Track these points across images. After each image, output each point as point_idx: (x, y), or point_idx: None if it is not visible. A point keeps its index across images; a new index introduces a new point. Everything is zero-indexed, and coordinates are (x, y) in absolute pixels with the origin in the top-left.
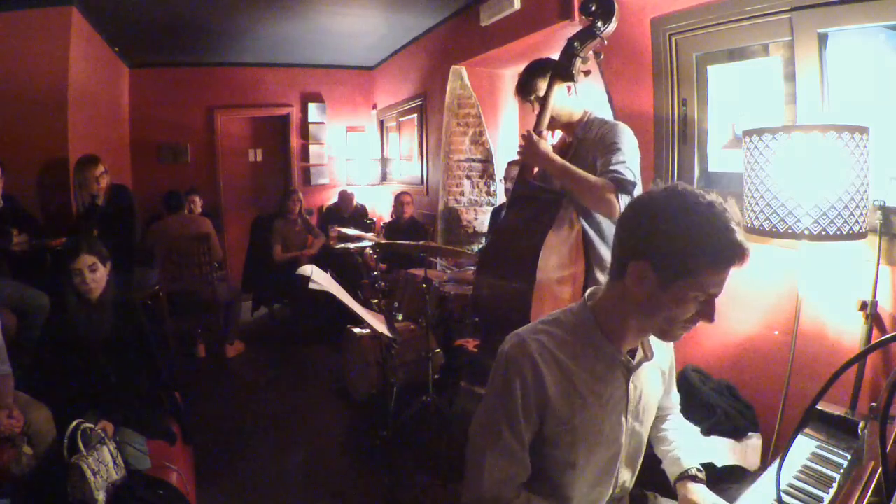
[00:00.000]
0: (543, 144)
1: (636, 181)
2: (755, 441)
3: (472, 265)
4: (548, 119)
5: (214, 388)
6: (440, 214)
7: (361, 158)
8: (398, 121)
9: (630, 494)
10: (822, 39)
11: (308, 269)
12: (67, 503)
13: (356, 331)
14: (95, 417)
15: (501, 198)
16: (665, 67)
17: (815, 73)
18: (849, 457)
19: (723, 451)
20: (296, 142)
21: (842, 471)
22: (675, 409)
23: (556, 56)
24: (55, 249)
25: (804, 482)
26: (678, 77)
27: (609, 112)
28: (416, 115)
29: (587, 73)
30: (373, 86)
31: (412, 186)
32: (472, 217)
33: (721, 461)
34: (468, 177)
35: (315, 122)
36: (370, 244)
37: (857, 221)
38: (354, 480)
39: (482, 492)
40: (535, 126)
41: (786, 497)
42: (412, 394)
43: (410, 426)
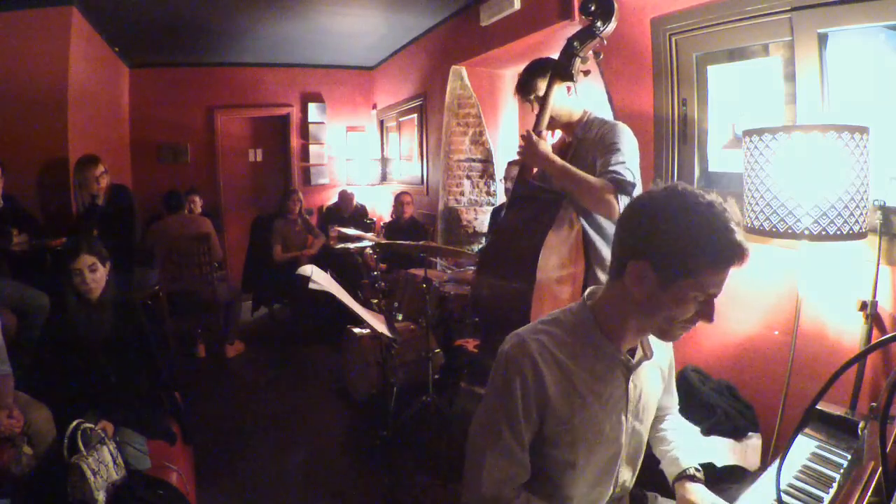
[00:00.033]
0: (543, 145)
1: (636, 182)
2: (755, 441)
3: (472, 265)
4: (547, 119)
5: (214, 388)
6: (440, 214)
7: (361, 158)
8: (398, 121)
9: (630, 494)
10: (822, 39)
11: (308, 269)
12: (67, 503)
13: (356, 331)
14: (95, 417)
15: (501, 198)
16: (665, 67)
17: (815, 73)
18: (849, 457)
19: (723, 451)
20: (296, 142)
21: (842, 471)
22: (674, 409)
23: (557, 56)
24: (55, 249)
25: (804, 482)
26: (678, 77)
27: (609, 112)
28: (416, 115)
29: (587, 73)
30: (373, 86)
31: (412, 186)
32: (472, 217)
33: (721, 461)
34: (468, 177)
35: (315, 122)
36: (370, 244)
37: (857, 221)
38: (354, 480)
39: (482, 492)
40: (535, 126)
41: (786, 497)
42: (412, 394)
43: (410, 426)
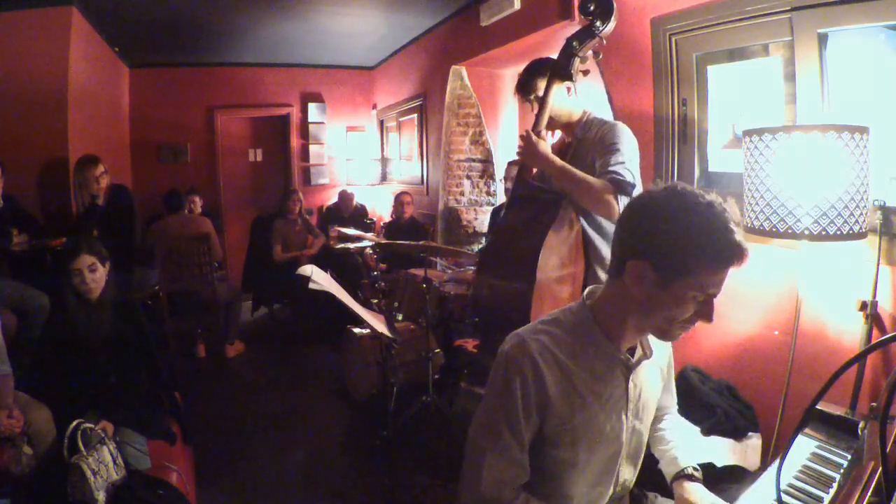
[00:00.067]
0: (542, 145)
1: (635, 182)
2: (755, 441)
3: (472, 265)
4: (546, 119)
5: (214, 388)
6: (440, 214)
7: (361, 158)
8: (398, 121)
9: (630, 494)
10: (822, 39)
11: (308, 269)
12: (67, 503)
13: (356, 331)
14: (95, 417)
15: (501, 198)
16: (665, 67)
17: (815, 73)
18: (849, 457)
19: (723, 451)
20: (296, 142)
21: (842, 471)
22: (673, 409)
23: (556, 56)
24: (55, 249)
25: (804, 482)
26: (678, 77)
27: (609, 112)
28: (416, 115)
29: (586, 73)
30: (373, 86)
31: (412, 186)
32: (472, 217)
33: (721, 461)
34: (468, 177)
35: (315, 122)
36: (370, 244)
37: (857, 221)
38: (354, 480)
39: (481, 492)
40: (534, 126)
41: (786, 497)
42: (412, 394)
43: (410, 426)
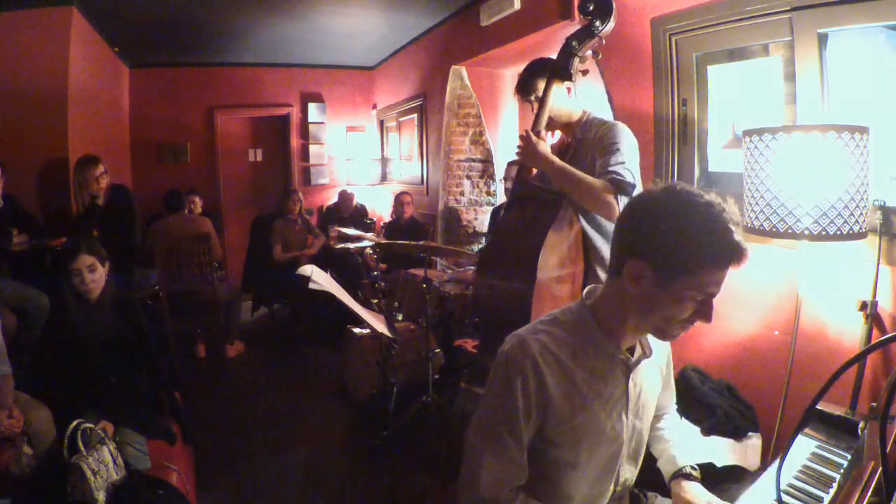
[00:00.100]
0: (542, 145)
1: (635, 182)
2: (755, 441)
3: (472, 265)
4: (546, 119)
5: (214, 388)
6: (440, 214)
7: (361, 158)
8: (398, 121)
9: (630, 494)
10: (822, 39)
11: (308, 269)
12: (67, 503)
13: (356, 331)
14: (95, 417)
15: (501, 198)
16: (665, 67)
17: (815, 73)
18: (849, 457)
19: (723, 451)
20: (296, 142)
21: (842, 471)
22: (672, 408)
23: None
24: (55, 249)
25: (804, 482)
26: (678, 77)
27: (609, 112)
28: (416, 115)
29: (585, 73)
30: (373, 86)
31: (412, 186)
32: (472, 217)
33: (721, 461)
34: (468, 177)
35: (315, 122)
36: (370, 244)
37: (857, 221)
38: (354, 480)
39: (480, 493)
40: (533, 126)
41: (786, 497)
42: (412, 394)
43: (410, 426)
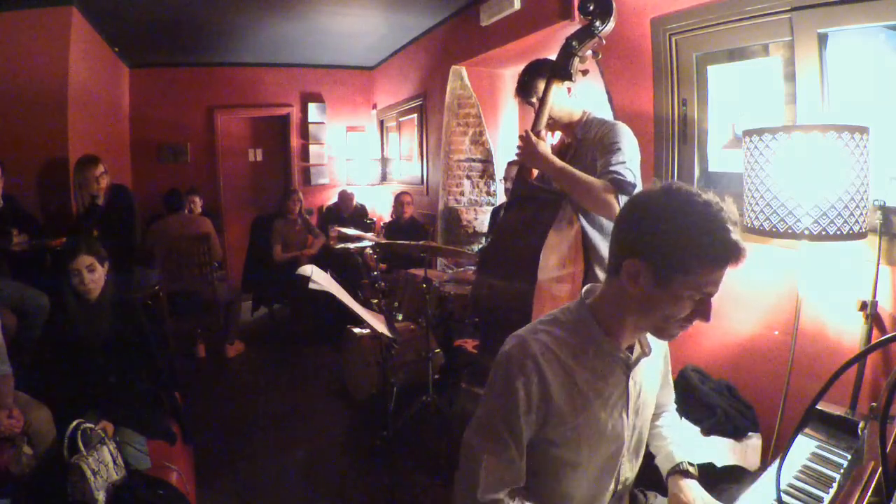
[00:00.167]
0: (542, 145)
1: (636, 182)
2: (755, 441)
3: (472, 265)
4: (546, 119)
5: (214, 388)
6: (440, 214)
7: (361, 158)
8: (398, 121)
9: (630, 493)
10: (822, 39)
11: (308, 269)
12: (67, 503)
13: (356, 331)
14: (95, 417)
15: (501, 198)
16: (665, 67)
17: (815, 73)
18: (849, 457)
19: (723, 451)
20: (296, 142)
21: (842, 471)
22: (671, 406)
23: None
24: (55, 249)
25: (804, 482)
26: (678, 77)
27: (609, 112)
28: (416, 115)
29: (585, 73)
30: (373, 86)
31: (412, 186)
32: (472, 217)
33: (721, 461)
34: (468, 177)
35: (315, 122)
36: (370, 244)
37: (857, 221)
38: (354, 480)
39: (479, 494)
40: (533, 126)
41: (786, 497)
42: (412, 394)
43: (410, 426)
